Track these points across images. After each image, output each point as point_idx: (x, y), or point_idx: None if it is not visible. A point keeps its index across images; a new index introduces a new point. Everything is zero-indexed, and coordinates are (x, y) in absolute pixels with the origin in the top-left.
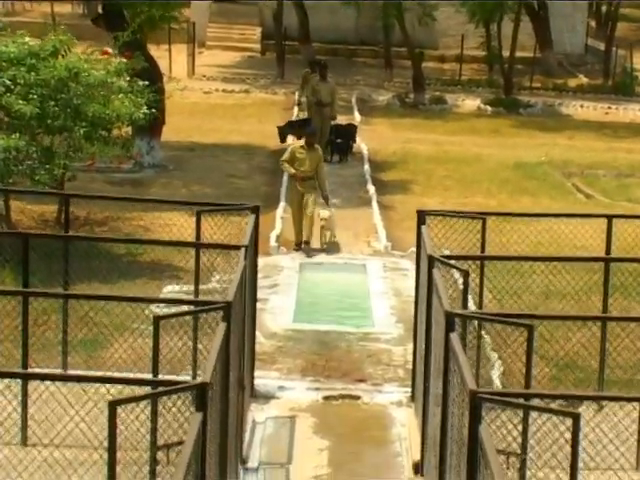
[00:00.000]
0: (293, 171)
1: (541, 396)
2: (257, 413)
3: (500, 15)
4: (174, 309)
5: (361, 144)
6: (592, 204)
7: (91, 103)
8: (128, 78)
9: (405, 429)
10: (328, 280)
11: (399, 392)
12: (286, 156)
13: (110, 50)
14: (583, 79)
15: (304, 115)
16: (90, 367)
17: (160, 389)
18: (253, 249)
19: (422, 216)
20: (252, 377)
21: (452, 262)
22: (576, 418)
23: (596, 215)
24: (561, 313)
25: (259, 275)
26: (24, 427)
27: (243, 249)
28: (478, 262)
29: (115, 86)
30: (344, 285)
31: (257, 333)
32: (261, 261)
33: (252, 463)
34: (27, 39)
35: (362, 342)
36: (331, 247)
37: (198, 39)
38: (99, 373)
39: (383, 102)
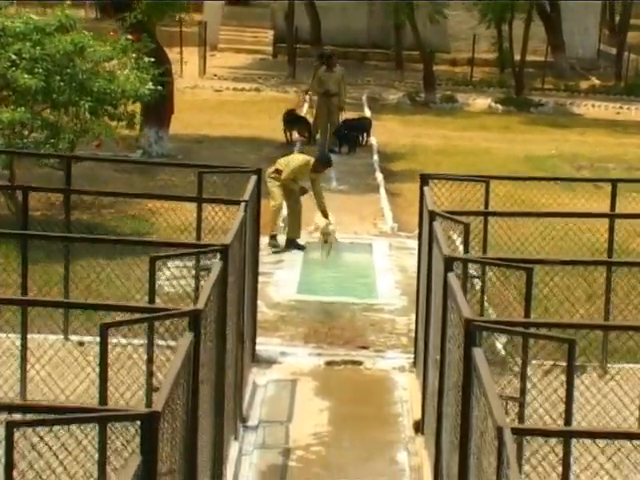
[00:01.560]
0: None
1: (536, 324)
2: (258, 377)
3: (511, 15)
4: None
5: (370, 137)
6: (601, 193)
7: (96, 78)
8: (134, 55)
9: (407, 392)
10: (333, 258)
11: (402, 358)
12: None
13: (117, 32)
14: (595, 81)
15: (313, 112)
16: (90, 333)
17: (154, 314)
18: (255, 208)
19: (425, 179)
20: (254, 343)
21: (453, 216)
22: (572, 344)
23: (604, 180)
24: (561, 258)
25: (263, 253)
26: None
27: (243, 204)
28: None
29: (120, 62)
30: (349, 262)
31: (260, 303)
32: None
33: (252, 422)
34: (33, 15)
35: (366, 312)
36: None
37: (210, 42)
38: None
39: (393, 101)
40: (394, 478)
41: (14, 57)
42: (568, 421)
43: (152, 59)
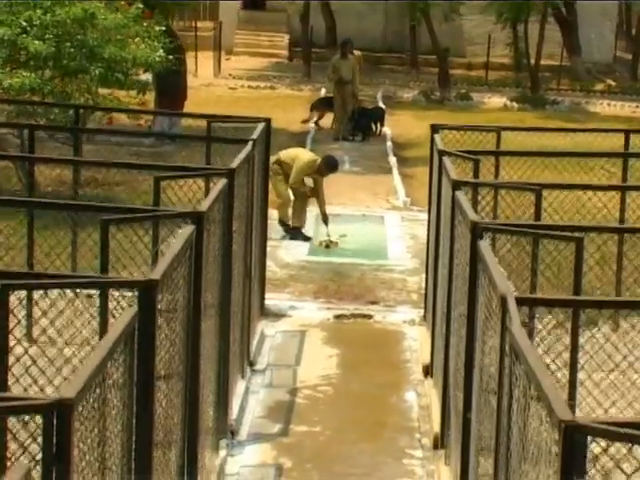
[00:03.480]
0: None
1: (545, 227)
2: (267, 328)
3: (527, 15)
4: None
5: (384, 127)
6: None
7: (107, 45)
8: (145, 24)
9: (417, 342)
10: (345, 227)
11: (412, 313)
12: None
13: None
14: (612, 83)
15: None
16: None
17: (157, 213)
18: (264, 152)
19: (436, 128)
20: (262, 298)
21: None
22: (579, 242)
23: (614, 130)
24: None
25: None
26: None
27: (250, 142)
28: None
29: (132, 30)
30: (361, 231)
31: (270, 263)
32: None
33: (260, 366)
34: None
35: (376, 272)
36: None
37: (226, 47)
38: None
39: (408, 98)
40: (403, 414)
41: (24, 24)
42: (577, 291)
43: (163, 28)
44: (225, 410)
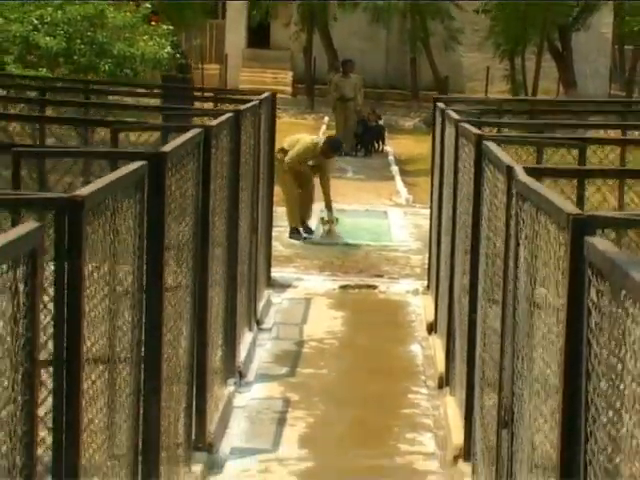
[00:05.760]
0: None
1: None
2: (273, 297)
3: (523, 47)
4: None
5: (385, 145)
6: None
7: (116, 43)
8: (153, 23)
9: (420, 308)
10: (349, 220)
11: (415, 284)
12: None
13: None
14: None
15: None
16: None
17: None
18: (270, 115)
19: (439, 100)
20: (269, 271)
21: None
22: (582, 148)
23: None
24: None
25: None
26: None
27: (257, 101)
28: None
29: (140, 29)
30: (365, 223)
31: (275, 243)
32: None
33: (267, 325)
34: None
35: (381, 251)
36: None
37: (232, 84)
38: None
39: (410, 126)
40: (408, 361)
41: (36, 22)
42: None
43: (170, 27)
44: (233, 353)
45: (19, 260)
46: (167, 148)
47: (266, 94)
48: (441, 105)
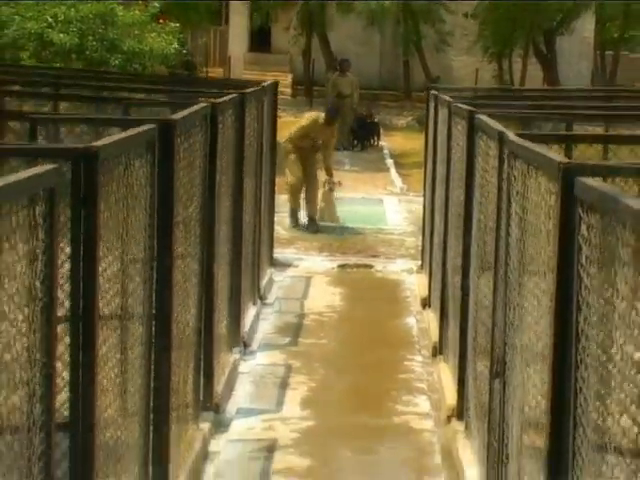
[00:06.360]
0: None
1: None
2: (275, 276)
3: (510, 50)
4: None
5: (380, 141)
6: None
7: (126, 39)
8: (161, 21)
9: (415, 286)
10: (346, 208)
11: (410, 264)
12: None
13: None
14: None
15: None
16: None
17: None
18: (273, 99)
19: (432, 89)
20: (271, 252)
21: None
22: (569, 122)
23: None
24: None
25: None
26: None
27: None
28: None
29: (149, 27)
30: (362, 209)
31: (277, 227)
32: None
33: (269, 300)
34: None
35: (377, 234)
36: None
37: None
38: None
39: (403, 124)
40: (404, 332)
41: (50, 19)
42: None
43: (177, 24)
44: (238, 324)
45: (38, 198)
46: (176, 116)
47: (269, 81)
48: (434, 92)
